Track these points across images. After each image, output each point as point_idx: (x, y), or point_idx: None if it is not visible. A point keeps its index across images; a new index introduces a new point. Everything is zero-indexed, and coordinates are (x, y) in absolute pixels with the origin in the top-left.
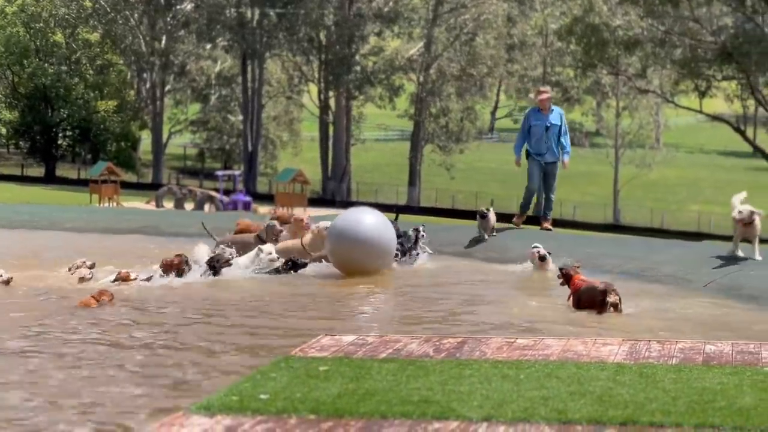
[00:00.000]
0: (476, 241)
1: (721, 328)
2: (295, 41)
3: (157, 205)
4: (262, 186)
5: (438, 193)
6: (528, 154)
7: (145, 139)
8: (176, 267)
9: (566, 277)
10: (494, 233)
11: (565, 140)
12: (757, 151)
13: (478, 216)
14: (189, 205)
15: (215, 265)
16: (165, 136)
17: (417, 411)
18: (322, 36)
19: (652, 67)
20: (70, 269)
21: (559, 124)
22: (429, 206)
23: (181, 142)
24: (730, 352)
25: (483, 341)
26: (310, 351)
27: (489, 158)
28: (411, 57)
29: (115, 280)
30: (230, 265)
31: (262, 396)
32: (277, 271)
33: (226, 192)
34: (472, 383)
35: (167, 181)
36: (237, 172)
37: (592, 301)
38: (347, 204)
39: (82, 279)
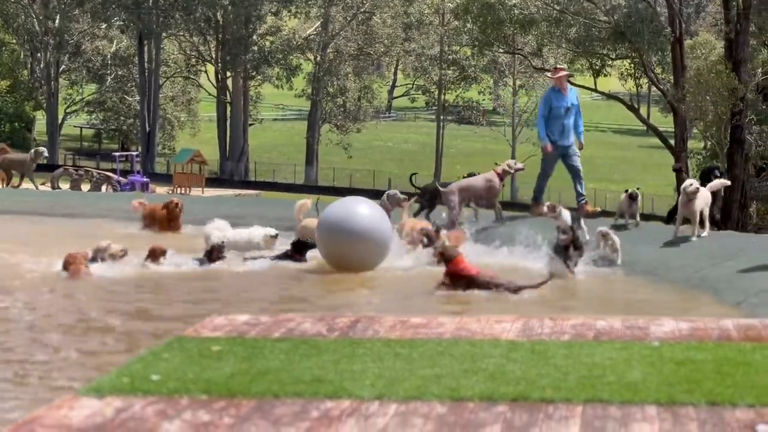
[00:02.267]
0: (618, 227)
1: (613, 303)
2: (191, 21)
3: (53, 187)
4: (160, 167)
5: (336, 172)
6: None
7: (40, 119)
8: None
9: (442, 257)
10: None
11: (580, 120)
12: (650, 129)
13: (626, 198)
14: (85, 186)
15: (213, 255)
16: (60, 116)
17: (309, 390)
18: (219, 16)
19: (548, 46)
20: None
21: (577, 103)
22: (327, 185)
23: (77, 123)
24: (620, 327)
25: (376, 320)
26: (203, 331)
27: (386, 137)
28: (308, 37)
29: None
30: (224, 257)
31: (154, 377)
32: (286, 255)
33: (124, 173)
34: (365, 362)
35: (63, 162)
36: (134, 153)
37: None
38: (245, 184)
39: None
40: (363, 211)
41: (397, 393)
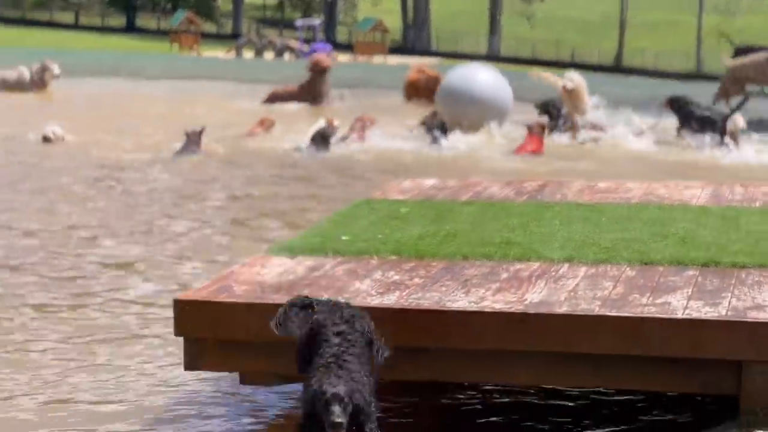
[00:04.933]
0: None
1: None
2: None
3: (237, 55)
4: (341, 35)
5: (518, 43)
6: None
7: None
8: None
9: None
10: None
11: None
12: None
13: None
14: (269, 55)
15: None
16: None
17: (499, 252)
18: None
19: None
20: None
21: None
22: (510, 56)
23: None
24: None
25: (564, 184)
26: (391, 193)
27: (569, 6)
28: None
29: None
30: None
31: (344, 237)
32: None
33: (306, 41)
34: (553, 225)
35: (247, 31)
36: (317, 22)
37: None
38: (427, 53)
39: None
40: (483, 76)
41: (587, 256)
